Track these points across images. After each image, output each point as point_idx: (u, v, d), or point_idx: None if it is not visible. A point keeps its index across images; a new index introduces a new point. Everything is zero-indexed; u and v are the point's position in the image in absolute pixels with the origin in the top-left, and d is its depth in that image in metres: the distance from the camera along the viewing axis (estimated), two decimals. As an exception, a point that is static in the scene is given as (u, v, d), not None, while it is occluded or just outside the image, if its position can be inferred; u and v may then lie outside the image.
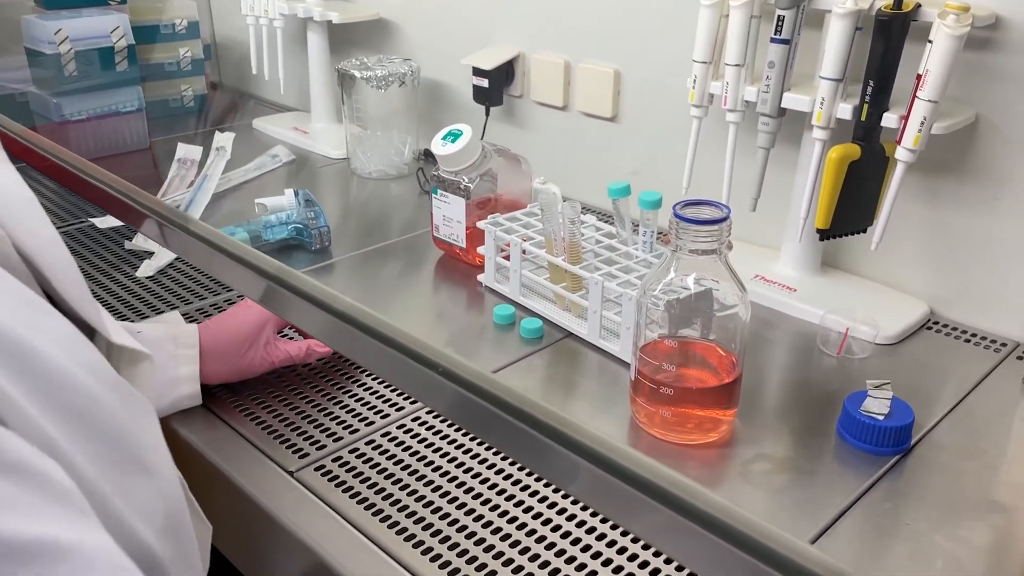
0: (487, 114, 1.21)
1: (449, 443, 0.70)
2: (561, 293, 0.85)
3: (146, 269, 0.98)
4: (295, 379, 0.78)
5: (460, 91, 1.29)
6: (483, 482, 0.65)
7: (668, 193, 0.85)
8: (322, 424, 0.72)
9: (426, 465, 0.67)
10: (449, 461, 0.68)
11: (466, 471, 0.67)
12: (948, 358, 0.82)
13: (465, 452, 0.69)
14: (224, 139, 1.22)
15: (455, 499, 0.64)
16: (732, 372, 0.68)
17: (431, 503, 0.63)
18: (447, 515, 0.62)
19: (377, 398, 0.75)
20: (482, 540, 0.60)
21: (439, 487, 0.65)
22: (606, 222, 0.93)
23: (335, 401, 0.75)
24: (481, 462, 0.67)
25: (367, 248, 1.05)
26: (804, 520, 0.61)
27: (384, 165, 1.26)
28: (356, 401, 0.75)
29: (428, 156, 1.28)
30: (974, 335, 0.85)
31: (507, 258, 0.90)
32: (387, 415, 0.73)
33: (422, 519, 0.62)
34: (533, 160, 1.02)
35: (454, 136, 0.94)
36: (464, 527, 0.61)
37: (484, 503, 0.63)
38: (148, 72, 1.49)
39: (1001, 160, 0.81)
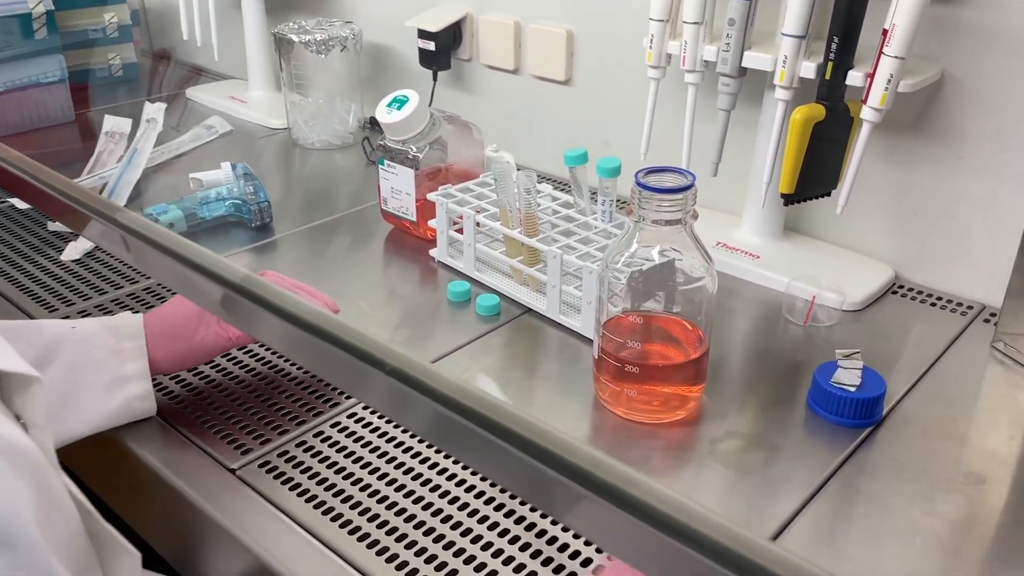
0: (435, 79, 1.16)
1: (403, 431, 0.66)
2: (518, 267, 0.81)
3: (71, 252, 0.91)
4: (236, 367, 0.73)
5: (405, 55, 1.23)
6: (440, 472, 0.61)
7: (626, 159, 0.81)
8: (266, 416, 0.67)
9: (379, 456, 0.63)
10: (404, 451, 0.63)
11: (422, 461, 0.63)
12: (915, 323, 0.80)
13: (420, 441, 0.65)
14: (155, 110, 1.15)
15: (411, 492, 0.60)
16: (699, 347, 0.65)
17: (384, 497, 0.59)
18: (402, 510, 0.58)
19: (325, 385, 0.71)
20: (440, 536, 0.56)
21: (393, 479, 0.61)
22: (563, 191, 0.89)
23: (280, 389, 0.70)
24: (438, 451, 0.64)
25: (311, 224, 0.99)
26: (777, 500, 0.59)
27: (327, 135, 1.20)
28: (303, 389, 0.70)
29: (374, 125, 1.22)
30: (940, 298, 0.83)
31: (460, 231, 0.86)
32: (336, 403, 0.69)
33: (375, 516, 0.58)
34: (484, 127, 0.97)
35: (400, 103, 0.89)
36: (421, 522, 0.57)
37: (442, 495, 0.59)
38: (71, 40, 1.39)
39: (965, 118, 0.79)
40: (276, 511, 0.58)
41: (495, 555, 0.55)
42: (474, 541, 0.56)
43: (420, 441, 0.64)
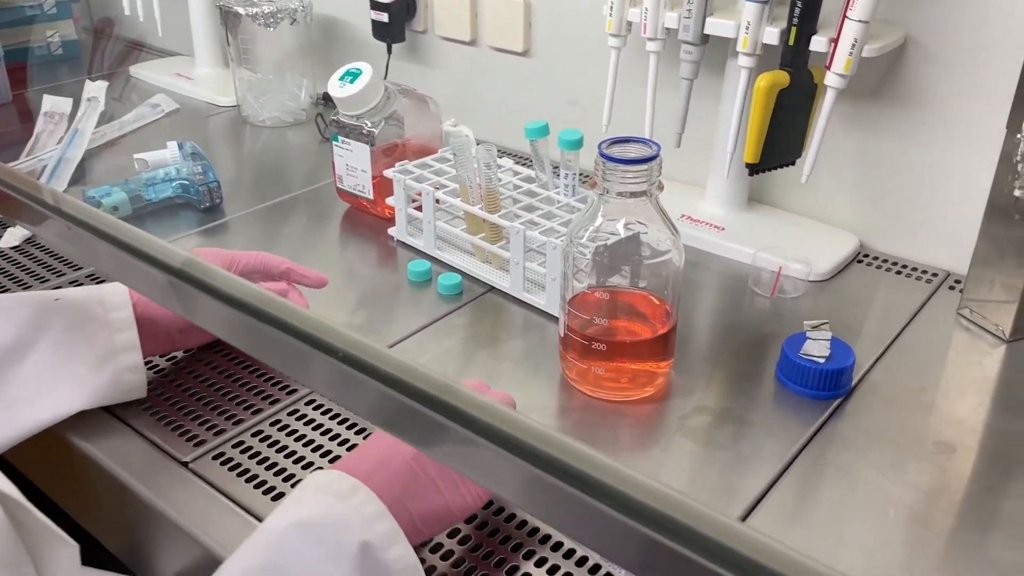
0: (389, 52, 1.12)
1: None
2: (480, 245, 0.78)
3: (10, 239, 0.87)
4: (186, 357, 0.70)
5: (358, 27, 1.19)
6: (405, 458, 0.59)
7: (588, 131, 0.79)
8: (219, 406, 0.64)
9: (338, 443, 0.61)
10: (364, 437, 0.61)
11: (385, 447, 0.60)
12: (881, 292, 0.79)
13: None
14: (96, 88, 1.10)
15: (374, 480, 0.57)
16: (666, 322, 0.64)
17: (348, 487, 0.57)
18: (366, 499, 0.56)
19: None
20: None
21: (356, 468, 0.58)
22: (524, 165, 0.86)
23: (234, 378, 0.67)
24: (401, 436, 0.61)
25: (264, 204, 0.96)
26: (748, 475, 0.58)
27: (278, 111, 1.16)
28: (259, 377, 0.67)
29: (327, 100, 1.19)
30: (905, 266, 0.83)
31: (419, 209, 0.83)
32: (293, 391, 0.66)
33: (338, 506, 0.55)
34: (442, 100, 0.94)
35: (353, 76, 0.86)
36: (386, 511, 0.55)
37: (407, 482, 0.57)
38: (6, 17, 1.33)
39: (928, 83, 0.78)
40: (230, 503, 0.56)
41: (461, 542, 0.53)
42: (440, 529, 0.54)
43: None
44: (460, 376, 0.67)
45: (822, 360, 0.65)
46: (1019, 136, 0.67)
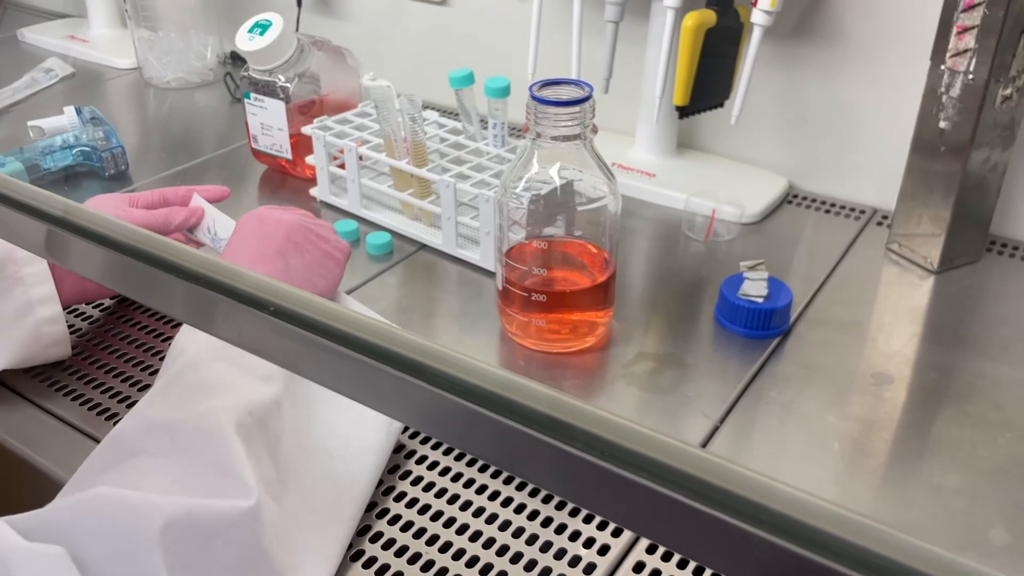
0: (299, 4, 1.07)
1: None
2: (408, 201, 0.75)
3: None
4: (113, 338, 0.65)
5: (264, -19, 1.13)
6: (344, 424, 0.57)
7: (514, 80, 0.76)
8: (135, 379, 0.60)
9: (274, 413, 0.58)
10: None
11: (322, 414, 0.58)
12: (812, 231, 0.80)
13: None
14: (-20, 53, 1.01)
15: (313, 449, 0.55)
16: (605, 270, 0.62)
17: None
18: (306, 469, 0.53)
19: (206, 342, 0.64)
20: (351, 492, 0.52)
21: (293, 437, 0.56)
22: (450, 117, 0.83)
23: (146, 347, 0.64)
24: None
25: (175, 169, 0.90)
26: (695, 418, 0.57)
27: (184, 72, 1.10)
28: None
29: (236, 59, 1.13)
30: (833, 205, 0.83)
31: (342, 167, 0.80)
32: (221, 361, 0.62)
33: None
34: (359, 53, 0.90)
35: (263, 28, 0.81)
36: (328, 480, 0.53)
37: (348, 448, 0.55)
38: None
39: (852, 20, 0.78)
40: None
41: (391, 522, 0.51)
42: (397, 499, 0.52)
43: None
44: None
45: (760, 300, 0.65)
46: (943, 68, 0.67)
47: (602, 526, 0.49)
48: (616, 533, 0.49)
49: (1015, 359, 0.62)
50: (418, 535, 0.49)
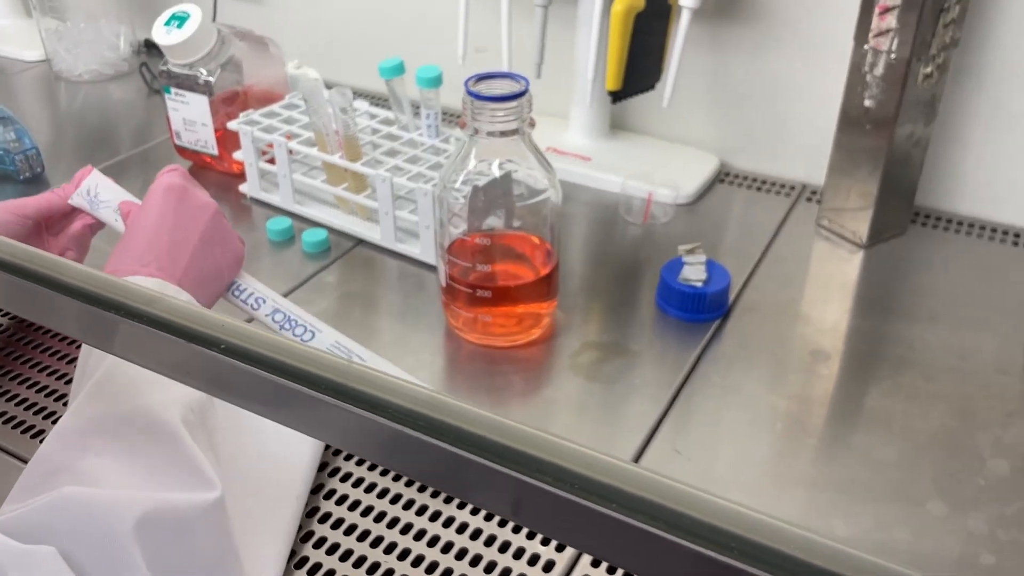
0: (215, -9, 1.03)
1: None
2: (344, 196, 0.74)
3: None
4: (27, 348, 0.63)
5: (177, -35, 1.08)
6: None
7: (444, 66, 0.75)
8: (55, 391, 0.58)
9: (218, 426, 0.56)
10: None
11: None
12: (745, 209, 0.81)
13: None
14: None
15: (262, 460, 0.54)
16: (549, 262, 0.62)
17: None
18: (256, 482, 0.52)
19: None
20: (303, 503, 0.51)
21: (239, 449, 0.55)
22: (380, 106, 0.82)
23: (60, 355, 0.61)
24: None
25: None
26: (644, 405, 0.58)
27: (96, 64, 1.05)
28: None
29: (151, 47, 1.08)
30: (764, 182, 0.85)
31: (272, 162, 0.77)
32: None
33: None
34: (281, 39, 0.88)
35: (180, 20, 0.78)
36: (279, 492, 0.52)
37: (297, 458, 0.54)
38: None
39: (778, 0, 0.79)
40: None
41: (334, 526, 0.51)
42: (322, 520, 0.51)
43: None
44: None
45: (699, 284, 0.66)
46: (866, 47, 0.69)
47: (545, 541, 0.50)
48: (560, 548, 0.49)
49: (943, 330, 0.65)
50: (344, 557, 0.48)
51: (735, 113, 0.85)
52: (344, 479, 0.53)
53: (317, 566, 0.47)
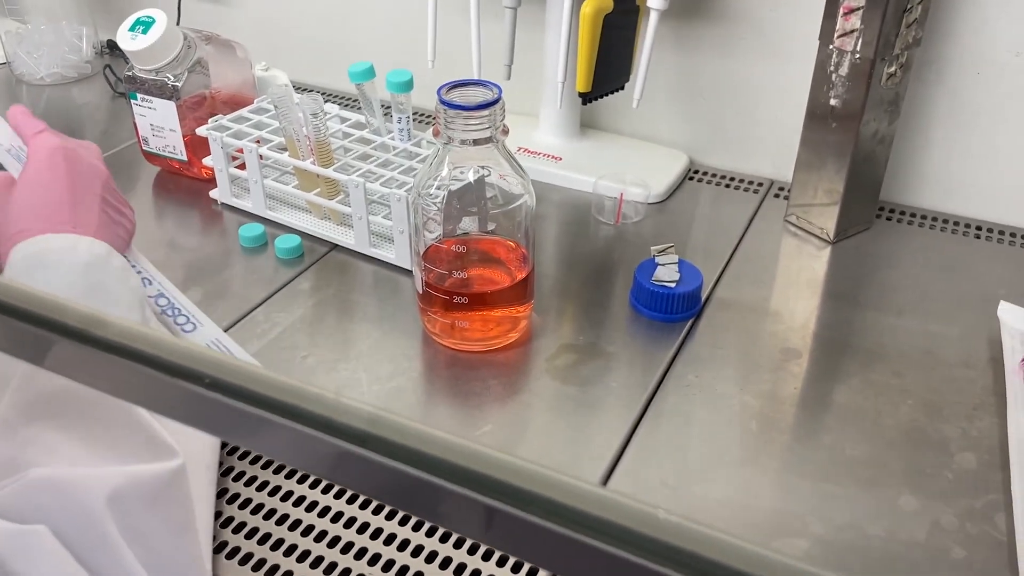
0: (179, -9, 1.02)
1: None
2: (316, 201, 0.74)
3: None
4: None
5: (138, -36, 1.07)
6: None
7: (412, 65, 0.75)
8: None
9: (197, 439, 0.56)
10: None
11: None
12: (714, 207, 0.82)
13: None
14: None
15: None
16: (524, 266, 0.63)
17: (214, 485, 0.53)
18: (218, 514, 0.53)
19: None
20: (244, 524, 0.51)
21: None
22: (351, 109, 0.82)
23: None
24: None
25: (60, 176, 0.85)
26: (620, 408, 0.59)
27: (59, 66, 1.03)
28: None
29: (114, 48, 1.07)
30: (733, 179, 0.86)
31: (242, 167, 0.77)
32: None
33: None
34: (247, 42, 0.87)
35: (145, 25, 0.77)
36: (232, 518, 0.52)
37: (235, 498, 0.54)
38: None
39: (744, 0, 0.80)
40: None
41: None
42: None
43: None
44: (316, 346, 0.64)
45: (672, 284, 0.66)
46: (831, 47, 0.70)
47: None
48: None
49: (910, 325, 0.66)
50: (257, 567, 0.49)
51: (703, 111, 0.86)
52: (248, 483, 0.53)
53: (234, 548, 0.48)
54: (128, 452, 0.42)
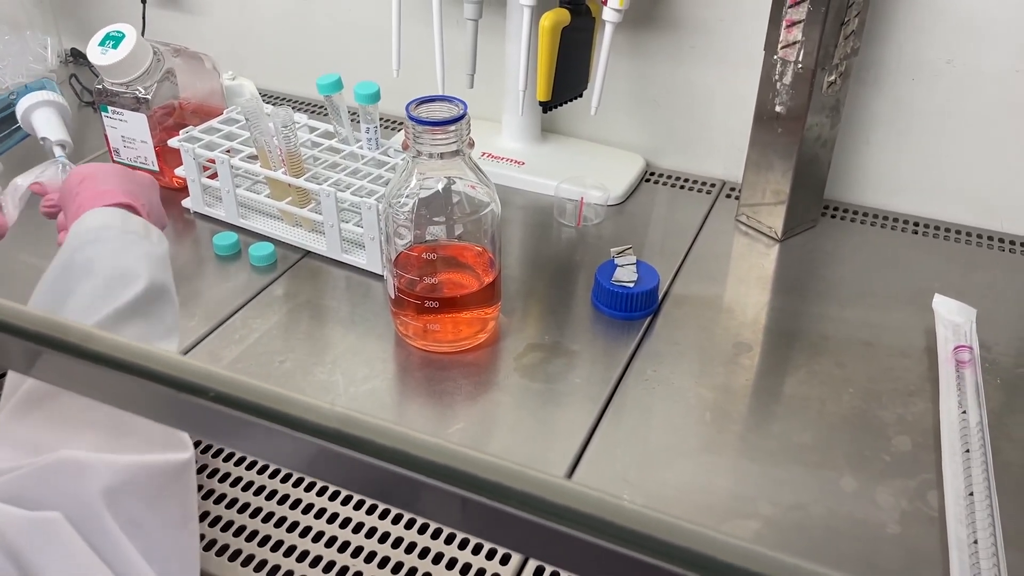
0: (144, 1, 1.03)
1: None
2: (288, 210, 0.76)
3: None
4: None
5: (101, -27, 1.08)
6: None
7: (378, 74, 0.78)
8: None
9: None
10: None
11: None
12: (670, 207, 0.86)
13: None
14: None
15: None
16: (491, 270, 0.66)
17: (201, 486, 0.56)
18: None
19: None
20: (232, 524, 0.54)
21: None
22: (318, 116, 0.84)
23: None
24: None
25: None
26: (585, 402, 0.63)
27: (23, 75, 1.04)
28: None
29: (78, 57, 1.08)
30: (687, 180, 0.90)
31: (214, 177, 0.79)
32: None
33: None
34: (214, 51, 0.89)
35: (115, 40, 0.78)
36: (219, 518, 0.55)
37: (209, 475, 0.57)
38: None
39: (695, 10, 0.83)
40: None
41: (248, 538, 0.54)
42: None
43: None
44: (293, 350, 0.67)
45: (631, 284, 0.70)
46: (775, 58, 0.74)
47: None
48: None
49: (852, 317, 0.71)
50: (246, 563, 0.52)
51: (658, 116, 0.90)
52: (222, 479, 0.56)
53: (223, 545, 0.51)
54: (144, 441, 0.44)
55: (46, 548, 0.38)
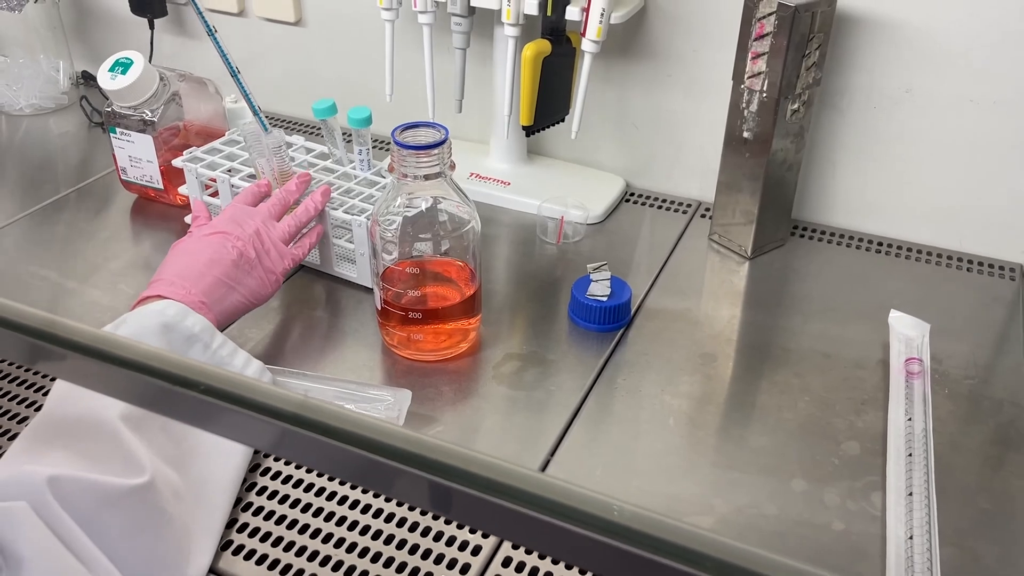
0: (152, 27, 1.08)
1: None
2: (284, 227, 0.81)
3: None
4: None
5: (113, 2, 1.13)
6: (248, 446, 0.63)
7: (373, 98, 0.83)
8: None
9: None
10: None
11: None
12: (646, 226, 0.91)
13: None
14: None
15: (223, 472, 0.61)
16: (472, 283, 0.71)
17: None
18: (218, 491, 0.60)
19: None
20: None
21: (202, 463, 0.62)
22: (314, 136, 0.89)
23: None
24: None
25: (39, 205, 0.92)
26: (558, 408, 0.67)
27: (37, 98, 1.09)
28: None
29: (89, 79, 1.13)
30: (664, 200, 0.95)
31: (215, 195, 0.84)
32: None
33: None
34: (216, 76, 0.94)
35: (124, 66, 0.83)
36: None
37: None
38: None
39: (669, 40, 0.88)
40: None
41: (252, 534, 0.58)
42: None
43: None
44: (286, 358, 0.71)
45: (605, 299, 0.75)
46: (742, 87, 0.79)
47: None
48: (485, 535, 0.58)
49: (813, 331, 0.75)
50: (276, 543, 0.57)
51: (636, 139, 0.95)
52: (274, 477, 0.60)
53: (251, 551, 0.55)
54: (106, 467, 0.51)
55: (15, 531, 0.44)
